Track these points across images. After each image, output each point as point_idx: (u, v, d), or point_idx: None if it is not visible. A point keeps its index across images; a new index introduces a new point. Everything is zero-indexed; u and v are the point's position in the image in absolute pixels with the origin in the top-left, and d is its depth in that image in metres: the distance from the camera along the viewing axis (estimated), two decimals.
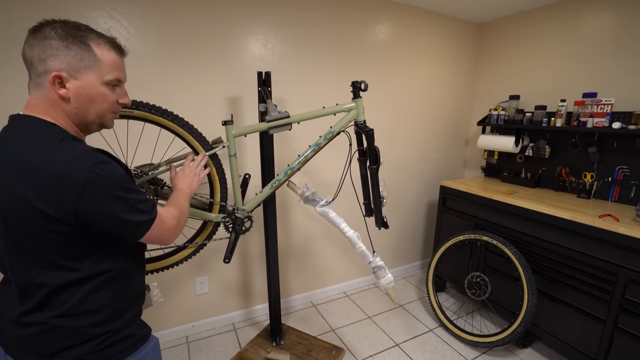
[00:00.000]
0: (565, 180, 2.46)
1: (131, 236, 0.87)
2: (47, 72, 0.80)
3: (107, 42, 0.87)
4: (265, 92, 1.70)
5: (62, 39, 0.80)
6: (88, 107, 0.86)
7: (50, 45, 0.79)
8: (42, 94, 0.82)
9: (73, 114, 0.85)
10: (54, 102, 0.83)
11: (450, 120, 3.20)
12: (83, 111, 0.86)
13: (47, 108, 0.83)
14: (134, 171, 1.35)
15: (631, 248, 1.69)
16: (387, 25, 2.62)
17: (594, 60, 2.32)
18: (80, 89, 0.83)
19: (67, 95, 0.82)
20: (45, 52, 0.79)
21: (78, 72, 0.82)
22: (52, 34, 0.80)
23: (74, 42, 0.81)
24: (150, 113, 1.32)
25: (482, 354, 2.21)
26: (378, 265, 1.72)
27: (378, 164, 1.65)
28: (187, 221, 1.75)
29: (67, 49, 0.80)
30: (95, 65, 0.84)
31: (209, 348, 2.22)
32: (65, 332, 0.82)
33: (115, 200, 0.81)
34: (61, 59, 0.80)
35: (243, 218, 1.64)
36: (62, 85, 0.81)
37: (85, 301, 0.84)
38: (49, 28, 0.80)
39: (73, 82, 0.82)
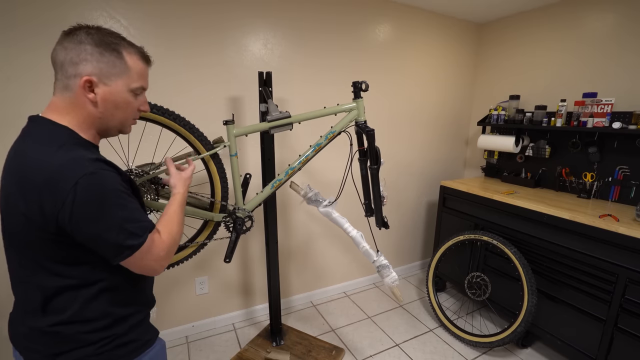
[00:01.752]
0: (565, 180, 2.46)
1: (111, 257, 0.81)
2: (78, 75, 0.81)
3: (137, 51, 0.91)
4: (266, 92, 1.70)
5: (97, 45, 0.82)
6: (113, 113, 0.88)
7: (85, 50, 0.81)
8: (68, 96, 0.83)
9: (97, 118, 0.86)
10: (79, 105, 0.83)
11: (451, 120, 3.21)
12: (107, 116, 0.87)
13: (70, 110, 0.83)
14: (135, 170, 1.35)
15: (631, 248, 1.69)
16: (387, 25, 2.62)
17: (594, 60, 2.32)
18: (108, 94, 0.85)
19: (94, 100, 0.84)
20: (79, 56, 0.81)
21: (108, 78, 0.84)
22: (87, 39, 0.81)
23: (108, 49, 0.84)
24: (151, 112, 1.32)
25: (482, 354, 2.21)
26: (382, 264, 1.73)
27: (379, 164, 1.65)
28: (188, 220, 1.76)
29: (101, 55, 0.83)
30: (125, 73, 0.87)
31: (209, 348, 2.22)
32: (66, 337, 0.83)
33: (100, 215, 0.77)
34: (94, 64, 0.82)
35: (244, 218, 1.63)
36: (91, 90, 0.83)
37: (84, 309, 0.83)
38: (85, 33, 0.82)
39: (102, 88, 0.84)
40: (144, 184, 1.37)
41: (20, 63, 1.64)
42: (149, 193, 1.39)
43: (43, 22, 1.64)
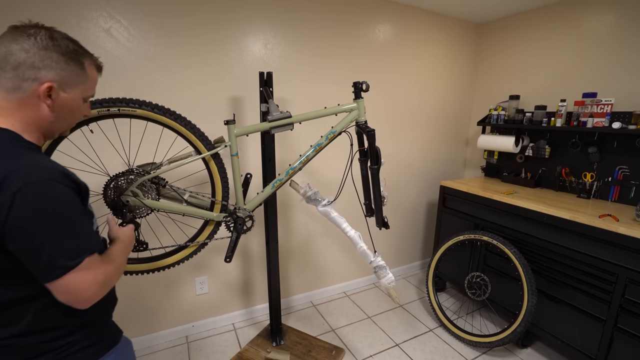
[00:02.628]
0: (565, 180, 2.46)
1: (40, 275, 0.75)
2: (38, 80, 0.79)
3: (95, 61, 0.92)
4: (267, 92, 1.71)
5: (63, 54, 0.82)
6: (65, 118, 0.88)
7: (51, 57, 0.80)
8: (17, 97, 0.79)
9: (47, 122, 0.84)
10: (29, 107, 0.81)
11: (451, 120, 3.21)
12: (59, 121, 0.87)
13: (16, 112, 0.80)
14: (136, 170, 1.35)
15: (631, 248, 1.70)
16: (388, 25, 2.62)
17: (594, 60, 2.33)
18: (66, 101, 0.85)
19: (51, 105, 0.82)
20: (43, 62, 0.79)
21: (68, 85, 0.84)
22: (53, 46, 0.80)
23: (73, 60, 0.84)
24: (153, 112, 1.32)
25: (482, 354, 2.21)
26: (379, 265, 1.73)
27: (379, 164, 1.66)
28: (189, 220, 1.76)
29: (66, 64, 0.82)
30: (83, 82, 0.88)
31: (209, 348, 2.22)
32: (22, 348, 0.80)
33: (36, 227, 0.72)
34: (57, 72, 0.81)
35: (244, 217, 1.64)
36: (49, 96, 0.81)
37: (38, 320, 0.80)
38: (48, 37, 0.80)
39: (61, 94, 0.83)
40: (144, 184, 1.37)
41: None
42: (150, 193, 1.39)
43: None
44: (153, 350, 2.19)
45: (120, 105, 1.27)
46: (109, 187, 1.32)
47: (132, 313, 2.13)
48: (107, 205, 1.34)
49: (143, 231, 1.48)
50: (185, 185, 1.87)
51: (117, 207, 1.34)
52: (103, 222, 1.70)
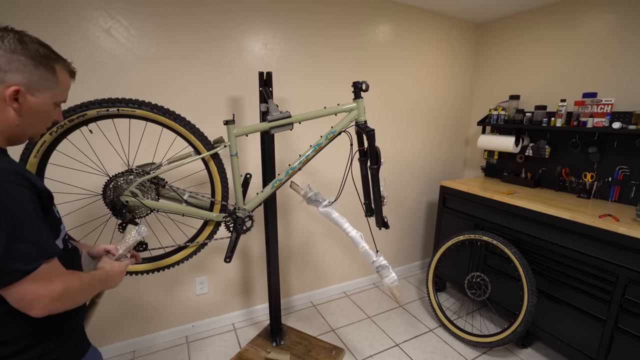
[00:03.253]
0: (565, 180, 2.46)
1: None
2: (4, 83, 0.77)
3: (67, 66, 0.90)
4: (267, 92, 1.71)
5: (32, 57, 0.80)
6: (32, 122, 0.85)
7: (19, 60, 0.78)
8: None
9: (14, 126, 0.82)
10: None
11: (451, 120, 3.21)
12: (26, 126, 0.84)
13: None
14: (135, 170, 1.35)
15: (631, 248, 1.69)
16: (388, 25, 2.62)
17: (594, 60, 2.33)
18: (34, 105, 0.83)
19: (17, 109, 0.80)
20: (10, 64, 0.77)
21: (37, 90, 0.82)
22: (22, 50, 0.78)
23: (43, 64, 0.82)
24: (152, 112, 1.32)
25: (482, 354, 2.21)
26: (381, 265, 1.73)
27: (379, 164, 1.66)
28: (188, 220, 1.76)
29: (35, 68, 0.81)
30: (54, 87, 0.86)
31: (209, 348, 2.22)
32: None
33: None
34: (26, 75, 0.79)
35: (244, 217, 1.64)
36: (16, 99, 0.79)
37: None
38: (17, 41, 0.78)
39: (28, 98, 0.81)
40: (144, 184, 1.37)
41: None
42: (149, 193, 1.39)
43: (43, 24, 1.64)
44: (153, 350, 2.19)
45: (119, 106, 1.27)
46: (108, 187, 1.33)
47: (132, 313, 2.13)
48: (107, 205, 1.34)
49: None
50: (185, 185, 1.87)
51: (117, 207, 1.34)
52: (102, 223, 1.71)
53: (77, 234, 1.66)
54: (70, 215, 1.68)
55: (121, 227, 1.38)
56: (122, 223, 1.37)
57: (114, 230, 1.41)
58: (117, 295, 2.06)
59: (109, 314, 2.07)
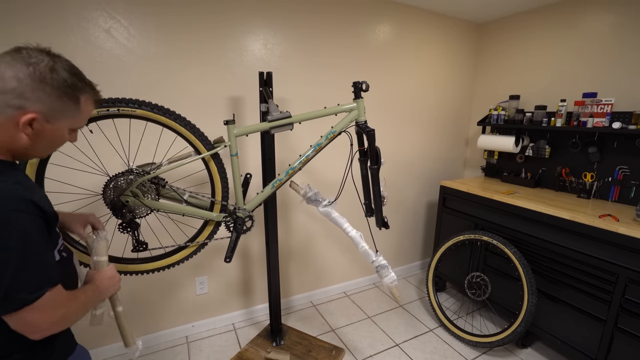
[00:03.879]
0: (565, 180, 2.46)
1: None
2: (22, 108, 0.74)
3: (94, 96, 0.87)
4: (267, 92, 1.71)
5: (59, 88, 0.77)
6: (43, 147, 0.83)
7: (44, 90, 0.75)
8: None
9: (22, 147, 0.79)
10: (4, 131, 0.76)
11: (451, 120, 3.21)
12: (36, 149, 0.82)
13: None
14: (135, 170, 1.35)
15: (631, 248, 1.69)
16: (388, 25, 2.62)
17: (594, 60, 2.33)
18: (48, 132, 0.80)
19: (30, 134, 0.77)
20: (34, 93, 0.74)
21: (55, 118, 0.79)
22: (50, 79, 0.76)
23: (68, 95, 0.79)
24: (152, 112, 1.32)
25: (482, 354, 2.21)
26: (381, 265, 1.73)
27: (379, 164, 1.65)
28: (189, 220, 1.76)
29: (58, 98, 0.78)
30: (73, 116, 0.83)
31: (209, 348, 2.22)
32: None
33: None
34: (46, 104, 0.77)
35: (244, 217, 1.64)
36: (31, 125, 0.76)
37: None
38: (48, 69, 0.76)
39: (43, 125, 0.78)
40: (144, 184, 1.37)
41: None
42: (149, 193, 1.39)
43: (43, 23, 1.64)
44: (153, 350, 2.19)
45: (119, 106, 1.27)
46: (108, 187, 1.32)
47: (132, 313, 2.13)
48: (107, 205, 1.34)
49: (143, 231, 1.48)
50: (185, 185, 1.88)
51: (117, 207, 1.34)
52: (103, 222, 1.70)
53: None
54: None
55: (121, 227, 1.38)
56: (122, 223, 1.37)
57: (114, 230, 1.41)
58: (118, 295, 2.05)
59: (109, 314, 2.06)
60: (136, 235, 1.41)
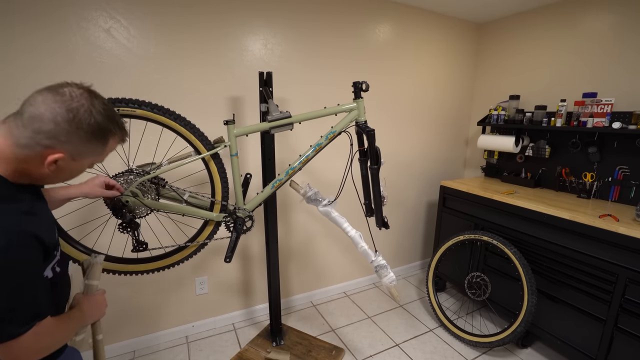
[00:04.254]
0: (565, 180, 2.46)
1: None
2: (51, 148, 0.75)
3: (122, 135, 0.88)
4: (267, 92, 1.71)
5: (92, 132, 0.78)
6: (61, 178, 0.84)
7: (78, 134, 0.76)
8: (23, 152, 0.75)
9: (41, 177, 0.80)
10: (29, 163, 0.76)
11: (451, 120, 3.21)
12: (54, 179, 0.83)
13: (12, 161, 0.75)
14: (135, 170, 1.35)
15: (631, 248, 1.69)
16: (388, 25, 2.62)
17: (594, 60, 2.33)
18: (71, 166, 0.81)
19: (52, 170, 0.78)
20: (68, 137, 0.75)
21: (80, 157, 0.81)
22: (86, 125, 0.76)
23: (98, 137, 0.80)
24: (152, 112, 1.32)
25: (482, 354, 2.21)
26: (380, 265, 1.73)
27: (379, 164, 1.65)
28: (189, 220, 1.76)
29: (88, 142, 0.79)
30: (98, 154, 0.85)
31: (209, 348, 2.22)
32: None
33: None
34: (76, 147, 0.78)
35: (244, 217, 1.64)
36: (55, 163, 0.77)
37: None
38: (87, 114, 0.76)
39: (68, 162, 0.79)
40: (144, 184, 1.37)
41: (20, 62, 1.63)
42: (149, 193, 1.39)
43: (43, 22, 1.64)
44: (153, 350, 2.19)
45: (119, 106, 1.27)
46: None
47: (132, 313, 2.13)
48: (107, 205, 1.34)
49: (143, 231, 1.48)
50: (185, 185, 1.87)
51: (117, 207, 1.34)
52: (102, 223, 1.71)
53: (77, 233, 1.65)
54: (71, 215, 1.68)
55: (121, 226, 1.38)
56: (122, 223, 1.37)
57: (114, 230, 1.41)
58: (118, 296, 2.06)
59: (109, 314, 2.06)
60: (136, 235, 1.41)
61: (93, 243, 1.54)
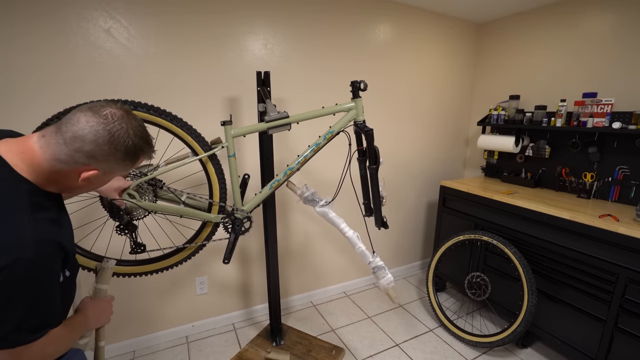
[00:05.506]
0: (565, 180, 2.45)
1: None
2: (88, 165, 0.79)
3: (149, 154, 0.91)
4: (265, 92, 1.70)
5: (127, 153, 0.82)
6: (88, 189, 0.89)
7: (115, 155, 0.80)
8: (60, 167, 0.77)
9: (70, 187, 0.84)
10: (62, 175, 0.80)
11: (451, 120, 3.20)
12: (82, 190, 0.88)
13: (47, 173, 0.78)
14: (132, 172, 1.35)
15: (631, 248, 1.69)
16: (388, 25, 2.62)
17: (594, 60, 2.32)
18: (100, 179, 0.86)
19: (84, 183, 0.83)
20: (105, 157, 0.79)
21: (111, 172, 0.85)
22: (123, 146, 0.80)
23: (131, 157, 0.84)
24: (148, 114, 1.32)
25: (482, 354, 2.21)
26: (378, 266, 1.72)
27: (378, 164, 1.65)
28: (187, 222, 1.76)
29: (122, 161, 0.83)
30: (127, 169, 0.89)
31: (209, 348, 2.22)
32: None
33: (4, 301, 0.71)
34: (110, 165, 0.82)
35: (242, 218, 1.63)
36: (89, 177, 0.81)
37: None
38: (125, 135, 0.80)
39: (100, 177, 0.84)
40: (141, 186, 1.37)
41: (19, 64, 1.64)
42: (146, 194, 1.39)
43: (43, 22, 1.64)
44: (153, 350, 2.19)
45: None
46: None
47: (132, 313, 2.14)
48: (104, 207, 1.34)
49: (141, 233, 1.48)
50: (183, 186, 1.88)
51: (114, 209, 1.34)
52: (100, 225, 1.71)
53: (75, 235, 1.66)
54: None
55: (119, 229, 1.38)
56: (119, 225, 1.37)
57: (111, 232, 1.41)
58: (118, 296, 2.05)
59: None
60: (134, 237, 1.41)
61: (91, 245, 1.54)
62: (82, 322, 1.00)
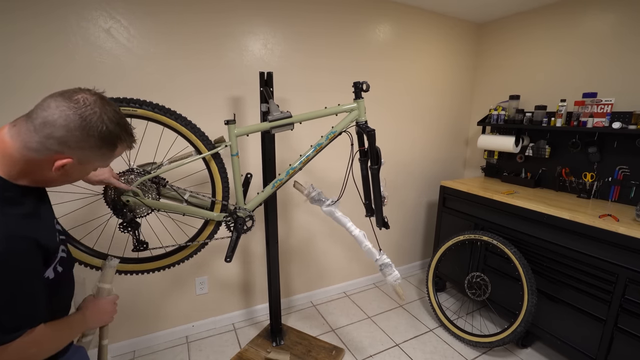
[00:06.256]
0: (565, 180, 2.46)
1: None
2: (61, 153, 0.75)
3: (130, 142, 0.87)
4: (267, 92, 1.71)
5: (102, 139, 0.78)
6: (66, 181, 0.84)
7: (89, 141, 0.76)
8: (31, 156, 0.74)
9: (45, 179, 0.80)
10: (34, 166, 0.76)
11: (451, 120, 3.21)
12: (59, 182, 0.82)
13: (18, 164, 0.75)
14: (136, 169, 1.35)
15: (631, 248, 1.69)
16: (388, 25, 2.62)
17: (594, 60, 2.33)
18: (77, 171, 0.82)
19: (59, 174, 0.78)
20: (78, 144, 0.75)
21: (88, 162, 0.81)
22: (98, 132, 0.76)
23: (107, 144, 0.80)
24: (153, 112, 1.32)
25: (482, 354, 2.21)
26: (385, 263, 1.73)
27: (379, 164, 1.65)
28: (189, 220, 1.76)
29: (98, 149, 0.79)
30: (106, 159, 0.85)
31: (209, 348, 2.22)
32: None
33: None
34: (85, 153, 0.78)
35: (245, 217, 1.64)
36: (63, 167, 0.77)
37: None
38: (100, 123, 0.76)
39: (75, 167, 0.79)
40: (145, 183, 1.37)
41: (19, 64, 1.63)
42: (150, 192, 1.39)
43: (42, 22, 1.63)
44: (153, 350, 2.18)
45: (120, 105, 1.28)
46: (109, 186, 1.32)
47: (132, 313, 2.13)
48: (108, 205, 1.34)
49: (143, 231, 1.48)
50: (186, 185, 1.87)
51: (118, 206, 1.34)
52: (103, 223, 1.70)
53: (77, 233, 1.65)
54: (72, 214, 1.68)
55: (122, 226, 1.38)
56: (122, 222, 1.37)
57: (114, 230, 1.41)
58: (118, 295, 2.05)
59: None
60: (137, 234, 1.41)
61: (94, 243, 1.53)
62: (80, 321, 0.98)
